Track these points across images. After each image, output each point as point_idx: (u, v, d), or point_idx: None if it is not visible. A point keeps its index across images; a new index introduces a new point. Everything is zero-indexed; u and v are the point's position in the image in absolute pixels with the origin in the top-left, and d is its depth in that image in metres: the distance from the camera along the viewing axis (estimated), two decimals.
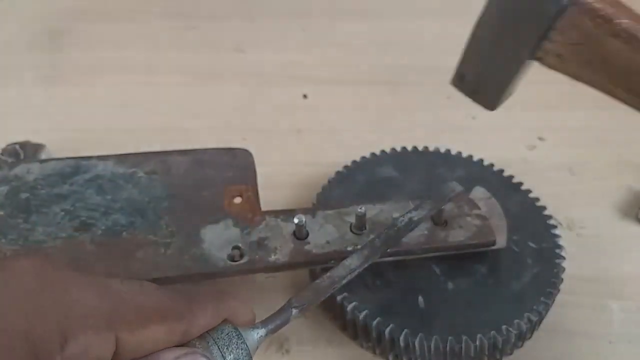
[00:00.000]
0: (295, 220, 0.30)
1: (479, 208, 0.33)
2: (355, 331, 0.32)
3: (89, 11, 0.57)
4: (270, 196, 0.34)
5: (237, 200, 0.32)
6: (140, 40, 0.53)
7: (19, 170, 0.32)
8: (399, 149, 0.39)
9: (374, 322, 0.30)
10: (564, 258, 0.33)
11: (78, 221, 0.31)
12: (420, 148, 0.39)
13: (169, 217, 0.31)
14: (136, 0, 0.58)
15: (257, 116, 0.46)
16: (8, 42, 0.53)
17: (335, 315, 0.33)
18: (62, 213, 0.31)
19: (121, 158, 0.33)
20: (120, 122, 0.45)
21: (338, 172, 0.37)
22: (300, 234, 0.31)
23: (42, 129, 0.44)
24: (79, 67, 0.51)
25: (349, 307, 0.31)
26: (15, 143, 0.39)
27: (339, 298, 0.31)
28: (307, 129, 0.45)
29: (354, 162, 0.38)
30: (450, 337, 0.29)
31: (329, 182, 0.37)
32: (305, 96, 0.48)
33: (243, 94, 0.48)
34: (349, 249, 0.30)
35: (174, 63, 0.51)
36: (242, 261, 0.30)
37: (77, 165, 0.33)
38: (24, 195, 0.31)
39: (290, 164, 0.42)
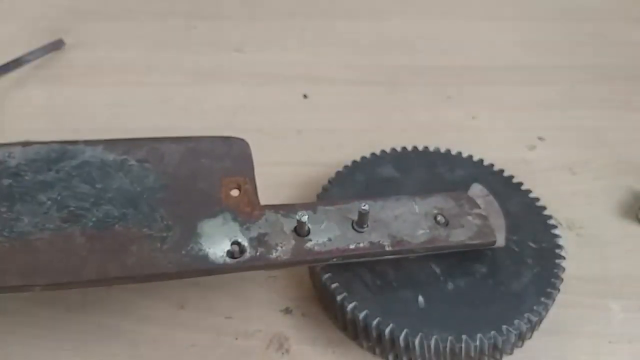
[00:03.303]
0: (298, 217, 0.30)
1: (479, 207, 0.33)
2: (356, 331, 0.32)
3: (89, 11, 0.57)
4: (270, 196, 0.34)
5: (235, 192, 0.31)
6: (140, 40, 0.53)
7: None
8: (399, 149, 0.39)
9: (374, 322, 0.30)
10: (564, 258, 0.33)
11: (66, 211, 0.29)
12: (420, 148, 0.39)
13: (163, 209, 0.30)
14: (136, 0, 0.58)
15: (257, 116, 0.46)
16: (8, 42, 0.53)
17: (335, 315, 0.33)
18: (49, 202, 0.29)
19: (110, 143, 0.31)
20: (120, 122, 0.45)
21: (338, 172, 0.37)
22: (301, 231, 0.30)
23: (42, 129, 0.44)
24: (79, 67, 0.51)
25: (349, 307, 0.31)
26: (16, 143, 0.39)
27: (339, 298, 0.31)
28: (307, 129, 0.45)
29: (354, 162, 0.38)
30: (450, 337, 0.29)
31: (329, 182, 0.37)
32: (305, 96, 0.48)
33: (243, 94, 0.48)
34: (351, 246, 0.30)
35: (174, 63, 0.51)
36: (242, 258, 0.29)
37: (63, 150, 0.31)
38: (6, 182, 0.29)
39: (290, 164, 0.42)
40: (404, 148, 0.39)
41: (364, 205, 0.30)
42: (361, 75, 0.50)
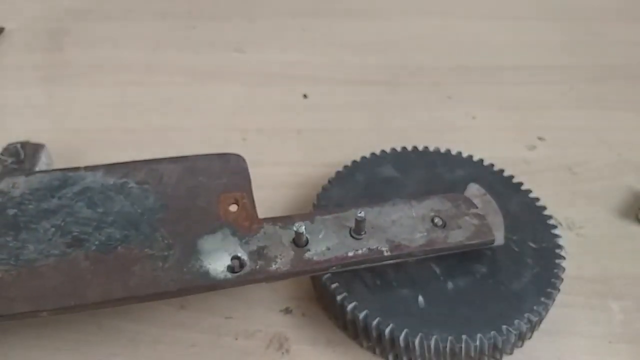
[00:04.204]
0: (295, 228, 0.30)
1: (476, 207, 0.33)
2: (356, 331, 0.32)
3: (89, 11, 0.57)
4: (270, 196, 0.34)
5: (233, 208, 0.31)
6: (140, 40, 0.53)
7: (3, 185, 0.31)
8: (399, 149, 0.39)
9: (374, 322, 0.30)
10: (564, 258, 0.33)
11: (70, 237, 0.29)
12: (420, 148, 0.39)
13: (164, 229, 0.30)
14: (136, 0, 0.58)
15: (257, 116, 0.46)
16: (8, 42, 0.53)
17: (335, 315, 0.33)
18: (53, 229, 0.30)
19: (110, 168, 0.32)
20: (120, 122, 0.45)
21: (338, 172, 0.37)
22: (299, 242, 0.30)
23: (42, 129, 0.44)
24: (79, 67, 0.51)
25: (349, 307, 0.31)
26: (16, 143, 0.39)
27: (339, 298, 0.31)
28: (307, 129, 0.45)
29: (354, 162, 0.38)
30: (450, 337, 0.29)
31: (329, 182, 0.37)
32: (305, 96, 0.48)
33: (243, 94, 0.48)
34: (350, 254, 0.30)
35: (174, 63, 0.51)
36: (242, 272, 0.29)
37: (65, 178, 0.31)
38: (11, 212, 0.30)
39: (290, 164, 0.42)
40: (404, 148, 0.39)
41: (360, 213, 0.30)
42: (361, 75, 0.50)
